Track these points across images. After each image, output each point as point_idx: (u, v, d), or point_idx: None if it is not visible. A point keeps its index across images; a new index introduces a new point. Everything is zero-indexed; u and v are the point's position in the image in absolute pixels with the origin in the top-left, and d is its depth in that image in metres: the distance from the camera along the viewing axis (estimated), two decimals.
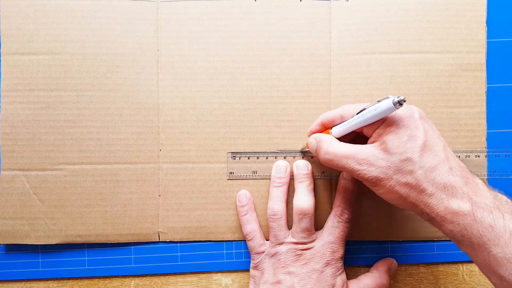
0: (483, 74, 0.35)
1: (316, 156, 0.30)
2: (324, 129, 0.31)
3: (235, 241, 0.35)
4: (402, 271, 0.36)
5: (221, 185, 0.35)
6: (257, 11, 0.35)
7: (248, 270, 0.35)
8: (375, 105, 0.26)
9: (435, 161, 0.25)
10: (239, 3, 0.35)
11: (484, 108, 0.35)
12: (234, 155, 0.35)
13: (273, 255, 0.32)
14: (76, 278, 0.35)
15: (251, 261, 0.34)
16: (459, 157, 0.34)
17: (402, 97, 0.25)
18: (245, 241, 0.34)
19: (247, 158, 0.35)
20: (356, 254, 0.35)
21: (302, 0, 0.35)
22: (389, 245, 0.36)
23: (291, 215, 0.33)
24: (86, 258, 0.35)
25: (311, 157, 0.35)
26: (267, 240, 0.34)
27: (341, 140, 0.29)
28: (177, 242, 0.35)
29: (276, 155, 0.35)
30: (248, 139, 0.35)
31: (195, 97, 0.35)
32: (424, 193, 0.25)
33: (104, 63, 0.34)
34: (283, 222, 0.32)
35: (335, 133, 0.30)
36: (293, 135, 0.35)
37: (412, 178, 0.25)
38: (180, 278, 0.35)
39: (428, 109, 0.35)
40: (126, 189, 0.35)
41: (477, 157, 0.35)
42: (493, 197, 0.25)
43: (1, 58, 0.34)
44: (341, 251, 0.32)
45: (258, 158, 0.35)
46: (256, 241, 0.33)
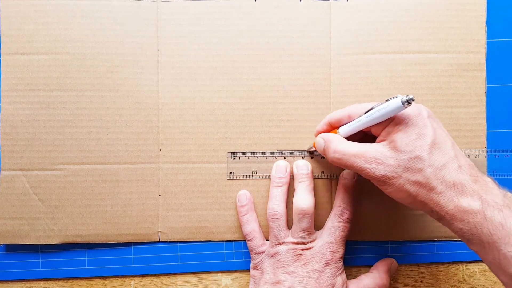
0: (483, 74, 0.35)
1: (324, 155, 0.30)
2: (331, 128, 0.31)
3: (235, 241, 0.35)
4: (402, 271, 0.36)
5: (221, 185, 0.35)
6: (257, 11, 0.35)
7: (248, 270, 0.35)
8: (383, 104, 0.26)
9: (444, 159, 0.25)
10: (239, 3, 0.35)
11: (484, 108, 0.35)
12: (234, 155, 0.35)
13: (273, 255, 0.32)
14: (76, 278, 0.35)
15: (251, 261, 0.34)
16: None
17: (411, 96, 0.25)
18: (245, 241, 0.34)
19: (247, 158, 0.35)
20: (356, 254, 0.35)
21: (302, 0, 0.35)
22: (389, 245, 0.36)
23: (291, 215, 0.33)
24: (86, 258, 0.35)
25: (311, 157, 0.35)
26: (267, 240, 0.34)
27: (348, 139, 0.29)
28: (177, 242, 0.35)
29: (276, 155, 0.35)
30: (248, 139, 0.35)
31: (195, 97, 0.35)
32: (433, 191, 0.25)
33: (104, 63, 0.34)
34: (283, 222, 0.32)
35: (343, 132, 0.30)
36: (293, 135, 0.35)
37: (421, 176, 0.25)
38: (180, 278, 0.35)
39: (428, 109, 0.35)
40: (126, 189, 0.35)
41: (477, 157, 0.35)
42: (503, 195, 0.25)
43: (1, 58, 0.34)
44: (341, 251, 0.32)
45: (258, 158, 0.35)
46: (256, 241, 0.33)
